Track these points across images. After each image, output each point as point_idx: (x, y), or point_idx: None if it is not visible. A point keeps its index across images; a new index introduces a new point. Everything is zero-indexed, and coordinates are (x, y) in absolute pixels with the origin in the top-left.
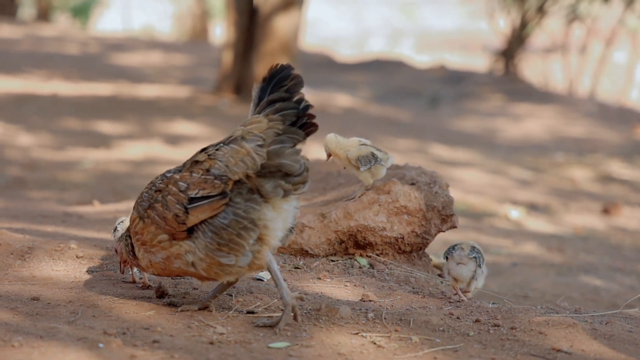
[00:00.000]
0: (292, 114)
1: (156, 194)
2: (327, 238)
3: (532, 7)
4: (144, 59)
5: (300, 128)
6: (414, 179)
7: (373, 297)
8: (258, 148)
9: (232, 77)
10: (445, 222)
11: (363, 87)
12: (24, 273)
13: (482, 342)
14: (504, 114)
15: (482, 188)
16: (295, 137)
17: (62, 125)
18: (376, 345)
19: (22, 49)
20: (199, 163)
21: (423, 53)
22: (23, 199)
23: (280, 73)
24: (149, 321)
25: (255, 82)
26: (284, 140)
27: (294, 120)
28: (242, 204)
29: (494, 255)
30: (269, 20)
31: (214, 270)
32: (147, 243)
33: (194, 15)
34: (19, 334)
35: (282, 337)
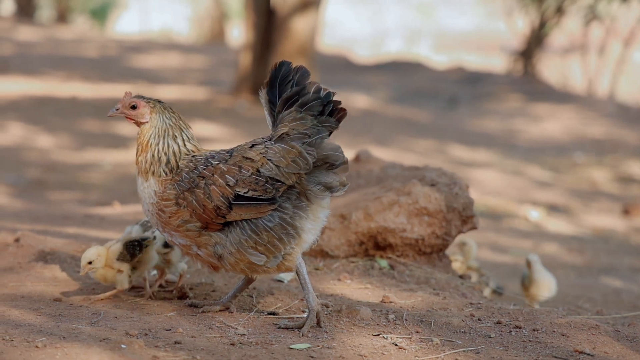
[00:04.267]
0: (317, 104)
1: (199, 179)
2: (347, 239)
3: (551, 7)
4: (162, 60)
5: (330, 116)
6: (434, 180)
7: (394, 298)
8: (308, 147)
9: (249, 78)
10: (466, 224)
11: (381, 88)
12: (46, 274)
13: (504, 343)
14: (522, 114)
15: (501, 189)
16: (329, 126)
17: (82, 127)
18: (397, 346)
19: (41, 51)
20: (249, 160)
21: (441, 54)
22: (43, 200)
23: (280, 71)
24: (171, 322)
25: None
26: (321, 131)
27: (321, 110)
28: (291, 210)
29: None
30: (286, 22)
31: (240, 266)
32: (170, 225)
33: (212, 17)
34: (42, 334)
35: (303, 338)
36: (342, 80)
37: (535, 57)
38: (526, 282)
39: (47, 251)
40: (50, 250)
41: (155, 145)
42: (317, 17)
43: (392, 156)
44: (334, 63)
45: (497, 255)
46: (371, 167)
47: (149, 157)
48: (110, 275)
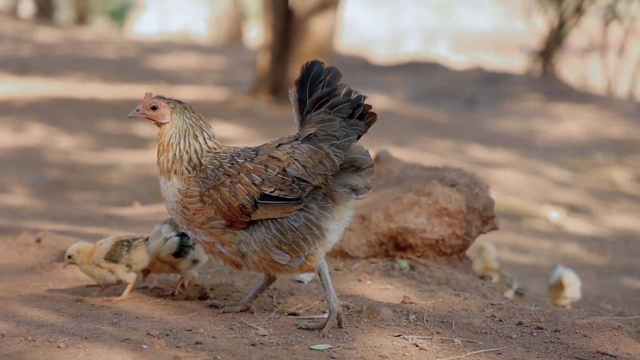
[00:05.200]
0: (347, 107)
1: (224, 177)
2: (367, 240)
3: (570, 6)
4: (180, 61)
5: (359, 119)
6: (454, 180)
7: (414, 299)
8: (335, 149)
9: (267, 79)
10: (486, 224)
11: (399, 89)
12: (68, 275)
13: (526, 345)
14: (542, 114)
15: (521, 189)
16: (358, 129)
17: (101, 128)
18: (418, 347)
19: (61, 53)
20: (276, 159)
21: (459, 54)
22: (64, 201)
23: (312, 70)
24: (192, 323)
25: (289, 86)
26: (350, 134)
27: (351, 113)
28: (316, 211)
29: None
30: (305, 22)
31: (263, 265)
32: (194, 222)
33: (230, 18)
34: (65, 334)
35: (323, 339)
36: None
37: (554, 57)
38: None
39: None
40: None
41: (177, 145)
42: (336, 18)
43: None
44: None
45: (517, 256)
46: (391, 167)
47: (171, 157)
48: (97, 273)
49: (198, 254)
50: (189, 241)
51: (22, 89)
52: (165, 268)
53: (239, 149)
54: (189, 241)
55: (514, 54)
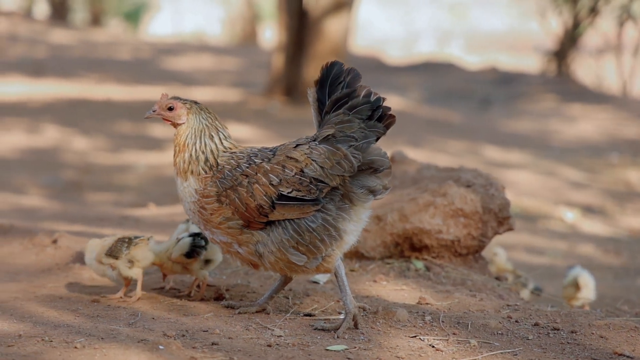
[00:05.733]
0: (366, 108)
1: (242, 177)
2: (382, 241)
3: (585, 7)
4: (195, 62)
5: (378, 121)
6: (470, 181)
7: (430, 300)
8: (354, 150)
9: (282, 80)
10: (502, 225)
11: (413, 89)
12: (84, 275)
13: (542, 346)
14: (557, 115)
15: (535, 190)
16: (377, 131)
17: (116, 129)
18: (434, 348)
19: (76, 54)
20: (293, 160)
21: (473, 54)
22: (79, 202)
23: (332, 71)
24: (208, 323)
25: (309, 86)
26: (368, 136)
27: (370, 114)
28: (334, 212)
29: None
30: (319, 23)
31: (280, 265)
32: (211, 222)
33: (244, 19)
34: (81, 335)
35: (339, 339)
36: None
37: (569, 57)
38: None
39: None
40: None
41: (193, 145)
42: (350, 18)
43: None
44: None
45: (533, 257)
46: (406, 168)
47: (187, 157)
48: (99, 269)
49: (211, 254)
50: (201, 242)
51: (37, 90)
52: (177, 269)
53: (255, 149)
54: (201, 242)
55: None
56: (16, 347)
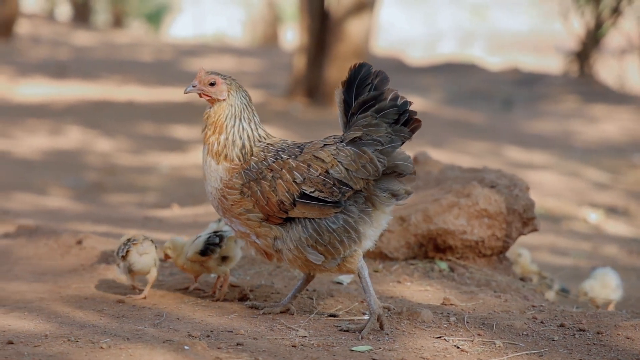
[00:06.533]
0: (392, 112)
1: (267, 171)
2: (406, 241)
3: (607, 7)
4: (216, 64)
5: (404, 125)
6: (494, 181)
7: (454, 300)
8: (379, 154)
9: (304, 81)
10: (527, 225)
11: (435, 90)
12: (109, 276)
13: (568, 347)
14: (579, 115)
15: (559, 191)
16: (403, 135)
17: (138, 130)
18: (459, 349)
19: (98, 56)
20: (319, 160)
21: (494, 55)
22: (103, 203)
23: (360, 73)
24: (232, 324)
25: (332, 87)
26: (394, 140)
27: (396, 118)
28: (356, 215)
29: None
30: (341, 24)
31: (298, 263)
32: (231, 212)
33: (265, 21)
34: (107, 335)
35: (364, 340)
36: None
37: (592, 57)
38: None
39: (109, 253)
40: (112, 252)
41: (231, 128)
42: (372, 19)
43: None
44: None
45: (557, 258)
46: (429, 169)
47: (223, 140)
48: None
49: (228, 251)
50: (215, 239)
51: (60, 92)
52: (197, 267)
53: (285, 144)
54: (215, 239)
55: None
56: (42, 347)
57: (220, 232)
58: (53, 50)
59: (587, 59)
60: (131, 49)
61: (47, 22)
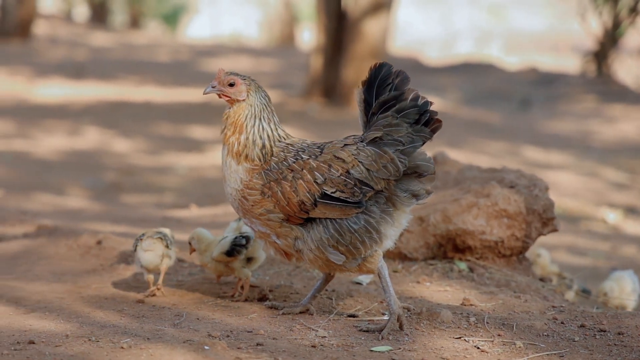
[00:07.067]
0: (413, 112)
1: (287, 171)
2: (425, 242)
3: (625, 7)
4: (233, 64)
5: (425, 125)
6: (513, 181)
7: (474, 301)
8: (400, 154)
9: (320, 81)
10: (547, 226)
11: (453, 90)
12: (128, 276)
13: (589, 347)
14: (597, 115)
15: (577, 191)
16: (424, 136)
17: (156, 131)
18: (479, 349)
19: (115, 56)
20: (340, 160)
21: (512, 55)
22: (121, 203)
23: (380, 72)
24: (252, 324)
25: (349, 87)
26: (415, 140)
27: (417, 119)
28: (377, 215)
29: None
30: (358, 24)
31: (319, 263)
32: (251, 212)
33: (282, 21)
34: (127, 335)
35: (384, 340)
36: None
37: (609, 57)
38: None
39: (128, 253)
40: (131, 252)
41: (251, 127)
42: (389, 19)
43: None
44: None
45: (575, 258)
46: (448, 169)
47: (243, 140)
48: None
49: (253, 252)
50: (241, 240)
51: (78, 93)
52: (221, 268)
53: (305, 144)
54: (242, 240)
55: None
56: (63, 347)
57: (247, 233)
58: (71, 51)
59: (605, 58)
60: (148, 50)
61: (64, 22)
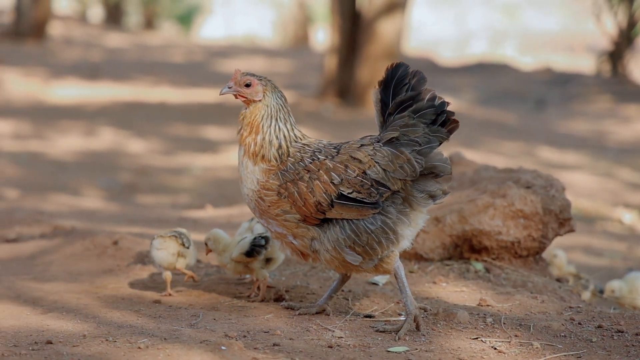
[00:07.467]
0: (430, 112)
1: (304, 172)
2: (441, 242)
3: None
4: (247, 65)
5: (441, 126)
6: (530, 182)
7: (490, 301)
8: (417, 155)
9: (335, 81)
10: (563, 226)
11: (467, 91)
12: (145, 276)
13: (606, 348)
14: (613, 115)
15: (593, 191)
16: (440, 136)
17: (171, 132)
18: (496, 350)
19: (130, 57)
20: (357, 161)
21: (526, 55)
22: (137, 204)
23: (397, 72)
24: (268, 324)
25: (364, 87)
26: (432, 141)
27: (434, 119)
28: (394, 215)
29: (608, 259)
30: (372, 25)
31: (335, 263)
32: (268, 213)
33: (296, 21)
34: (144, 335)
35: (400, 341)
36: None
37: (625, 57)
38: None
39: (144, 253)
40: (147, 253)
41: (267, 128)
42: (403, 20)
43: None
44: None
45: (591, 259)
46: (463, 169)
47: (259, 140)
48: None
49: (272, 253)
50: (261, 241)
51: (93, 94)
52: (239, 268)
53: (321, 145)
54: (261, 241)
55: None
56: (81, 347)
57: (265, 233)
58: (86, 52)
59: (620, 58)
60: (163, 51)
61: (79, 24)
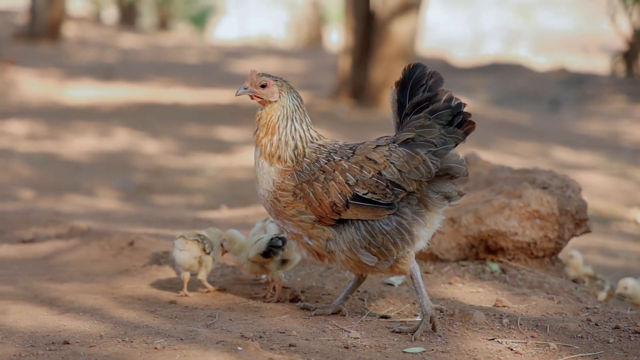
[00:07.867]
0: (446, 113)
1: (319, 172)
2: (457, 243)
3: None
4: (261, 66)
5: (458, 127)
6: (546, 182)
7: (507, 302)
8: (432, 156)
9: (349, 82)
10: (579, 227)
11: (481, 91)
12: (161, 276)
13: (623, 349)
14: (627, 116)
15: (607, 192)
16: (456, 137)
17: (185, 132)
18: (513, 351)
19: (144, 58)
20: (372, 161)
21: (540, 55)
22: (152, 204)
23: (414, 73)
24: (284, 325)
25: (381, 87)
26: (447, 142)
27: (450, 120)
28: (409, 216)
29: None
30: (386, 25)
31: (351, 264)
32: (283, 214)
33: (309, 22)
34: (161, 336)
35: (417, 342)
36: None
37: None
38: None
39: (160, 254)
40: (163, 253)
41: (284, 128)
42: (417, 20)
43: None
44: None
45: (607, 259)
46: (479, 170)
47: (275, 141)
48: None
49: (289, 254)
50: (278, 242)
51: (108, 94)
52: (256, 268)
53: (337, 145)
54: (278, 242)
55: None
56: (98, 347)
57: (282, 234)
58: (100, 52)
59: (634, 59)
60: (177, 51)
61: (93, 25)
